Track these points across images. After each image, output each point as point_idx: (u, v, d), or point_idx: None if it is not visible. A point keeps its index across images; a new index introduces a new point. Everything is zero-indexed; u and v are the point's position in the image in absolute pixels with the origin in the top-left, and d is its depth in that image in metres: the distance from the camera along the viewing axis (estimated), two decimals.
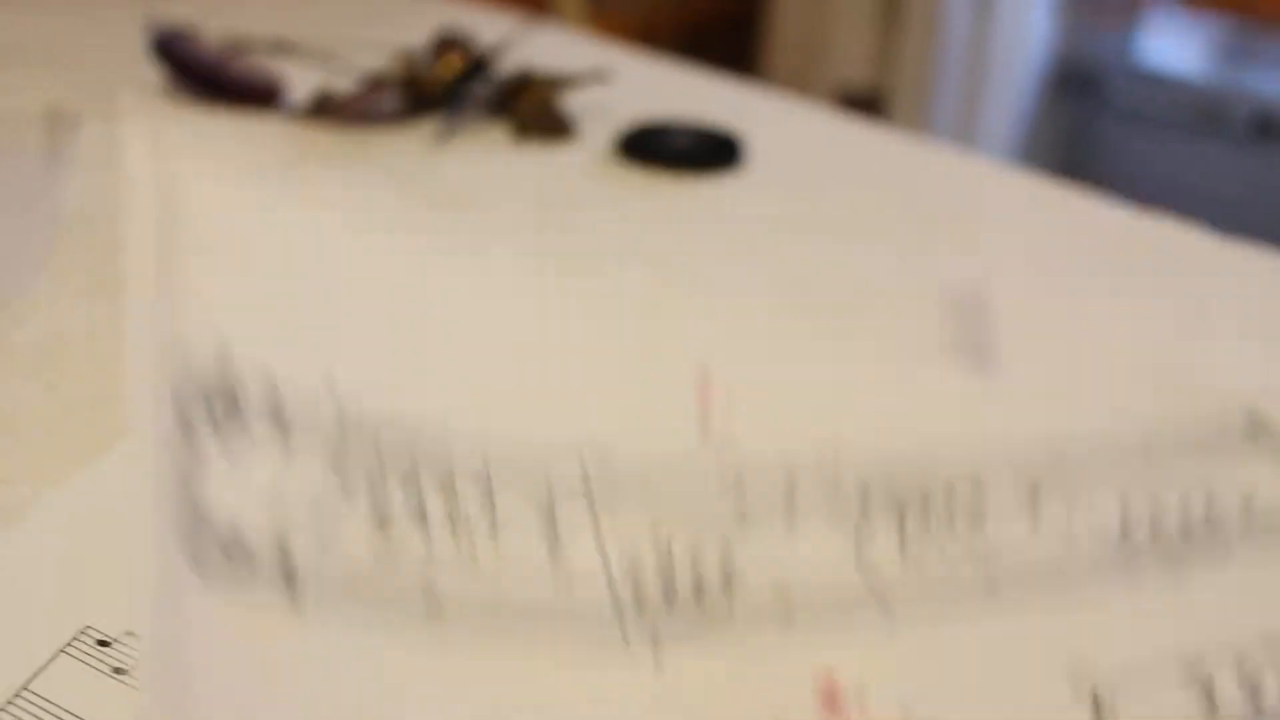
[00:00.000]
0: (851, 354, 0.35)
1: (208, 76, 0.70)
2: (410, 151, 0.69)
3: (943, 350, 0.35)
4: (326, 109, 0.70)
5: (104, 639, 0.29)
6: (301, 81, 0.71)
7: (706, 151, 0.71)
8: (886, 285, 0.51)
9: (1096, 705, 0.26)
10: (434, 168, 0.68)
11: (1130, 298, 0.46)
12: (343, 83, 0.71)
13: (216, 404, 0.27)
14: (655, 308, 0.35)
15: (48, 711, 0.27)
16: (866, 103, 1.52)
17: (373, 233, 0.36)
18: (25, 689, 0.27)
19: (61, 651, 0.28)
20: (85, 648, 0.29)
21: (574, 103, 0.75)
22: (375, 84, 0.71)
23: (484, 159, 0.70)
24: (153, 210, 0.30)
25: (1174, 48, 1.62)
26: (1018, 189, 0.72)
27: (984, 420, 0.33)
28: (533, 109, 0.72)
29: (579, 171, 0.70)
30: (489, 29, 0.76)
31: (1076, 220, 0.67)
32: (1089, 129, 1.60)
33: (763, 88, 0.84)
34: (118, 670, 0.28)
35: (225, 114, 0.71)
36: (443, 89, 0.72)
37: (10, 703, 0.27)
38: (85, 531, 0.32)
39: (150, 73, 0.71)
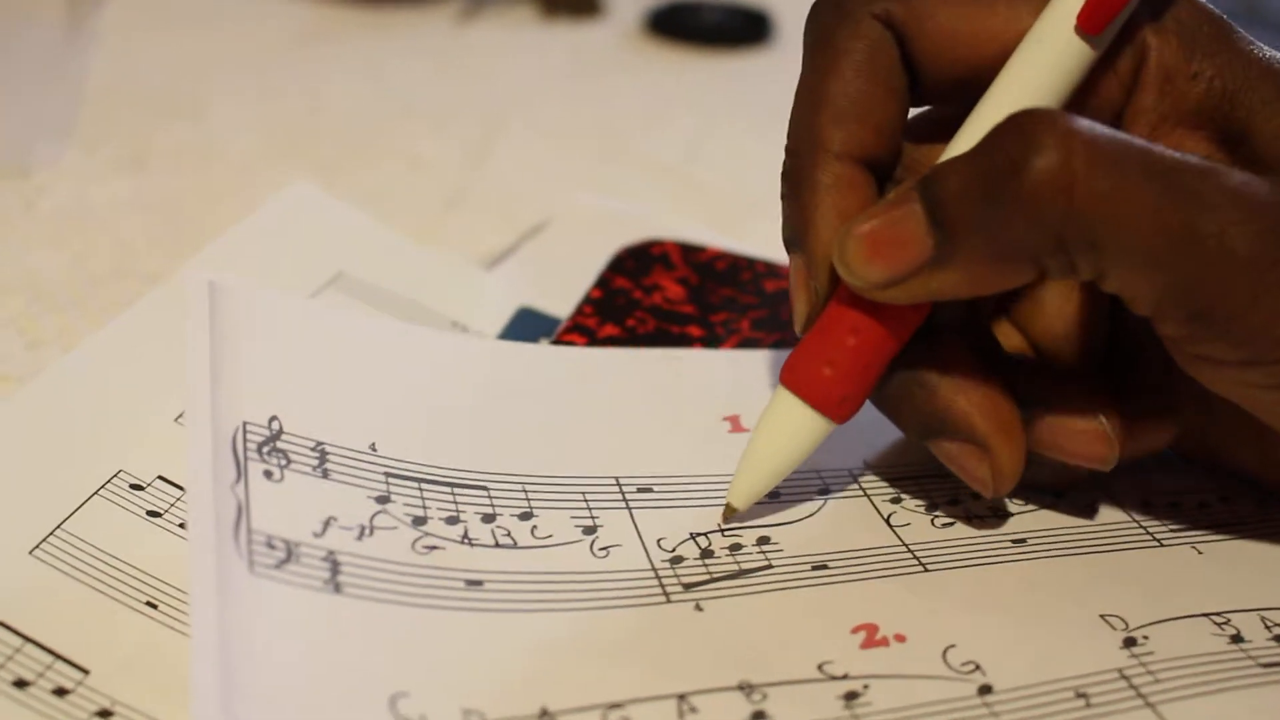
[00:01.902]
0: None
1: None
2: (435, 27, 0.68)
3: None
4: None
5: (137, 483, 0.29)
6: None
7: (736, 27, 0.69)
8: None
9: (1129, 642, 0.27)
10: (459, 44, 0.67)
11: None
12: None
13: (266, 450, 0.28)
14: None
15: (82, 550, 0.27)
16: None
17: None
18: (60, 529, 0.27)
19: (96, 494, 0.29)
20: (119, 491, 0.29)
21: None
22: None
23: (511, 35, 0.68)
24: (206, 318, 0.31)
25: None
26: None
27: None
28: None
29: (608, 48, 0.68)
30: None
31: None
32: None
33: None
34: (151, 513, 0.28)
35: None
36: None
37: (46, 541, 0.27)
38: (118, 379, 0.32)
39: None
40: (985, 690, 0.25)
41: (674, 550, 0.28)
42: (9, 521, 0.28)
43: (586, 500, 0.30)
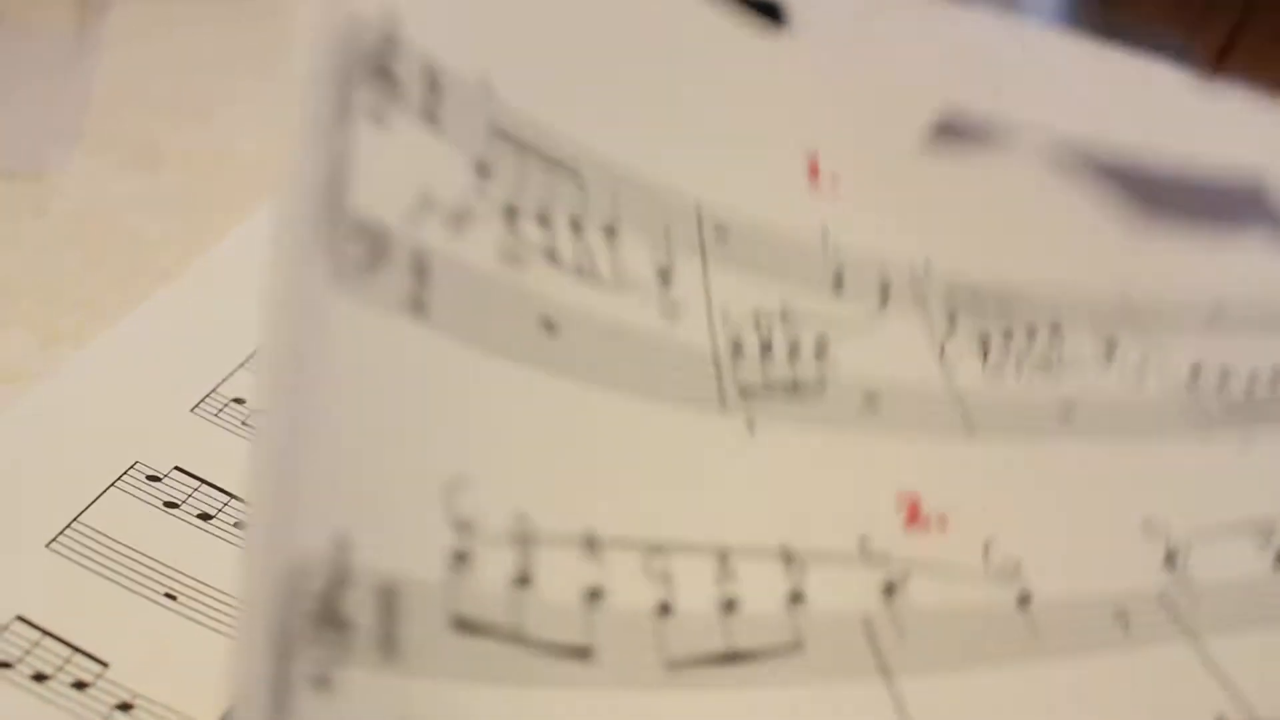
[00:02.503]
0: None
1: None
2: None
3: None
4: None
5: (154, 474, 0.29)
6: None
7: (748, 15, 0.69)
8: None
9: (1170, 557, 0.26)
10: None
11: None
12: None
13: (374, 83, 0.22)
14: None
15: (100, 542, 0.27)
16: None
17: None
18: (77, 520, 0.27)
19: (113, 485, 0.28)
20: (136, 482, 0.28)
21: None
22: None
23: None
24: None
25: None
26: (1069, 50, 0.69)
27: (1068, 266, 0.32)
28: None
29: None
30: None
31: (1131, 80, 0.64)
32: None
33: None
34: (169, 504, 0.28)
35: None
36: None
37: (63, 534, 0.27)
38: (133, 373, 0.32)
39: None
40: (1025, 601, 0.24)
41: (736, 331, 0.26)
42: (26, 515, 0.27)
43: (668, 231, 0.26)
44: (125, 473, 0.28)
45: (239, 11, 0.68)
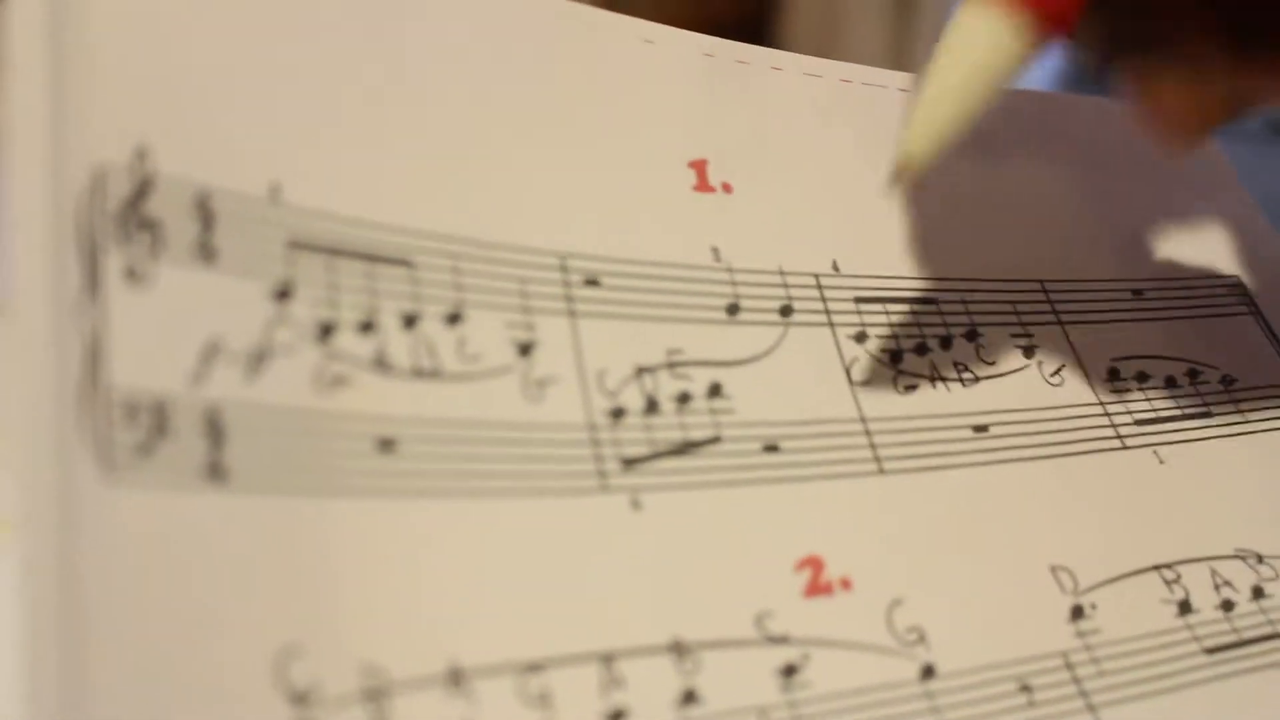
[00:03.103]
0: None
1: None
2: None
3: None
4: None
5: None
6: None
7: None
8: None
9: (1077, 610, 0.24)
10: None
11: None
12: None
13: (128, 226, 0.20)
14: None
15: None
16: None
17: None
18: None
19: None
20: None
21: None
22: None
23: None
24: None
25: None
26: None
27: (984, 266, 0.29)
28: None
29: None
30: None
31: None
32: None
33: None
34: None
35: None
36: None
37: None
38: None
39: None
40: (928, 673, 0.22)
41: (615, 393, 0.23)
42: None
43: (525, 298, 0.23)
44: None
45: None
